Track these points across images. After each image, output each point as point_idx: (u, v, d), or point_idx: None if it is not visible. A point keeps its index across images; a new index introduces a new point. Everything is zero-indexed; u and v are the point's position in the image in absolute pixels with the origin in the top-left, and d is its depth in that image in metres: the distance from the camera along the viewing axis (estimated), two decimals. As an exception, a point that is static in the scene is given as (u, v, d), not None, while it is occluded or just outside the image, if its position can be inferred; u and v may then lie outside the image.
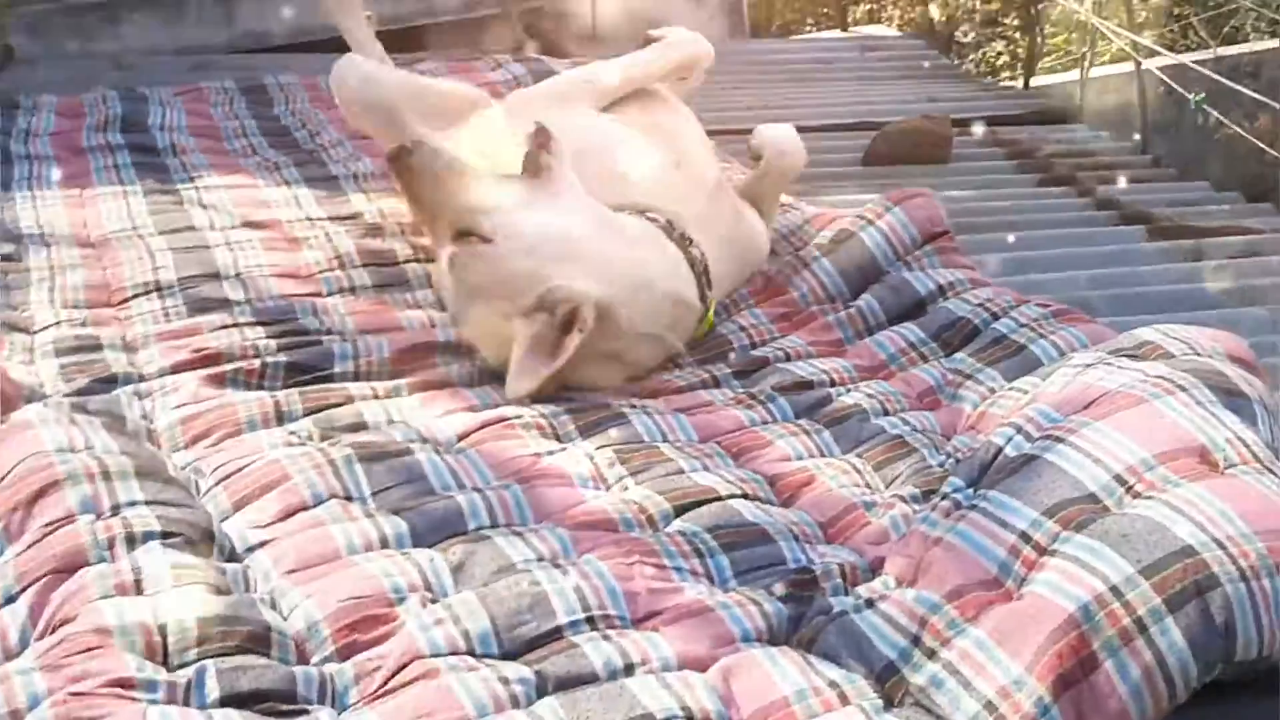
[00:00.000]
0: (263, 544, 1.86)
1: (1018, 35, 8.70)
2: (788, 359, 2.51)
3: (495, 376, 2.39)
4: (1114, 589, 1.56)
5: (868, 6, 10.71)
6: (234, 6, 5.42)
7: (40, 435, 1.95)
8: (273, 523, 1.91)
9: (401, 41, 5.51)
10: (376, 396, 2.30)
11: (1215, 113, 5.66)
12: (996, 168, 4.21)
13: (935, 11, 9.21)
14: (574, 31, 5.86)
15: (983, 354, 2.41)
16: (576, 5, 5.99)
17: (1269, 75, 7.49)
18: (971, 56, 9.69)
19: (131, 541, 1.74)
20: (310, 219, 3.15)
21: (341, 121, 3.86)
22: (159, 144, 3.70)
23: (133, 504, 1.83)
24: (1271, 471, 1.74)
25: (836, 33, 7.75)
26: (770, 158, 2.93)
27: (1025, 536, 1.70)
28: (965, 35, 9.74)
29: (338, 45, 5.40)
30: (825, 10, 10.62)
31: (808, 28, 11.11)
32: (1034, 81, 6.71)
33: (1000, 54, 9.54)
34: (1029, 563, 1.67)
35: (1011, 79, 8.43)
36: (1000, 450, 1.89)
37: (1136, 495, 1.72)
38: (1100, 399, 1.90)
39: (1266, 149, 6.03)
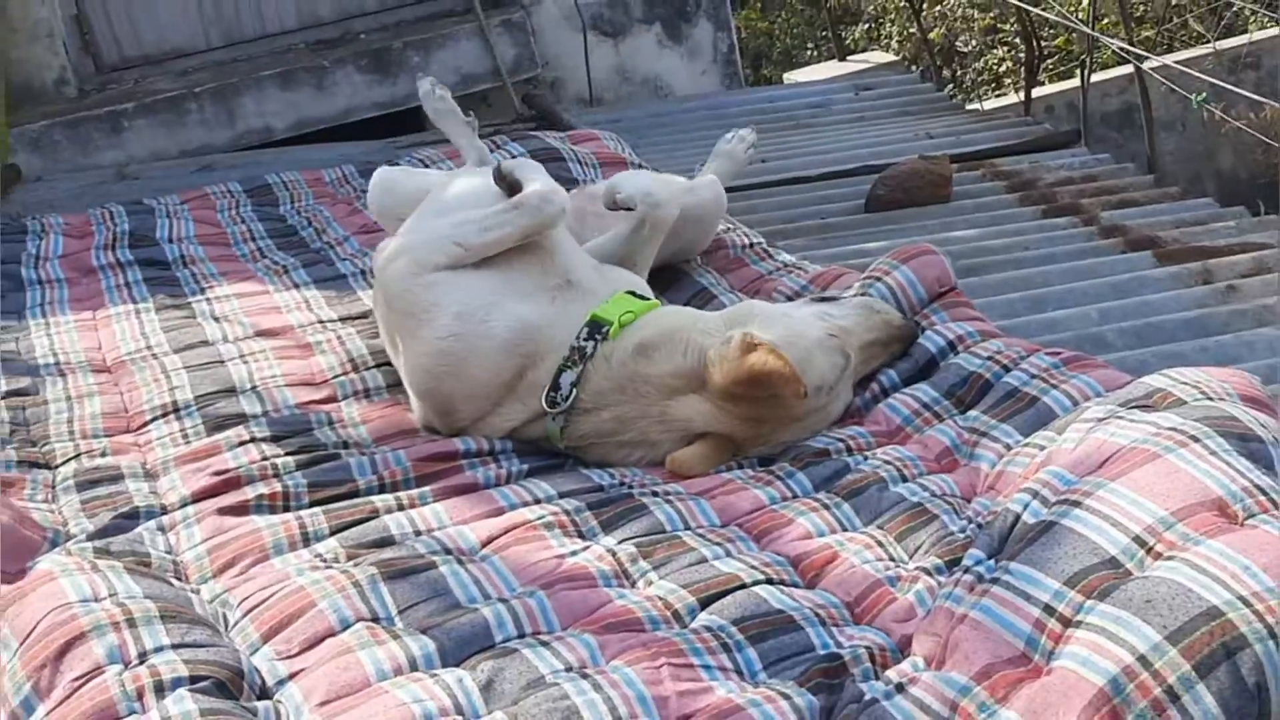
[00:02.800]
0: (293, 675, 1.86)
1: (1017, 40, 8.70)
2: (804, 429, 2.50)
3: (523, 476, 2.42)
4: (1142, 659, 1.55)
5: (865, 25, 10.76)
6: (234, 105, 5.49)
7: (62, 586, 1.96)
8: (301, 651, 1.91)
9: (402, 122, 5.57)
10: (402, 507, 2.31)
11: (1218, 111, 5.66)
12: (999, 202, 4.19)
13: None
14: (571, 97, 5.90)
15: (996, 409, 2.39)
16: (571, 72, 6.03)
17: (1270, 65, 7.49)
18: (974, 65, 9.72)
19: (160, 690, 1.74)
20: (322, 322, 3.18)
21: (346, 217, 3.89)
22: (168, 256, 3.74)
23: (159, 649, 1.83)
24: (1291, 518, 1.73)
25: (833, 64, 7.79)
26: (644, 210, 2.89)
27: (1049, 609, 1.69)
28: (966, 44, 9.77)
29: (336, 134, 5.49)
30: (824, 34, 10.67)
31: (808, 51, 11.17)
32: (1036, 91, 6.71)
33: (1003, 60, 9.56)
34: (1055, 636, 1.67)
35: (1015, 85, 8.45)
36: (1018, 518, 1.90)
37: (1158, 556, 1.71)
38: (1114, 456, 1.90)
39: (1271, 142, 6.02)
